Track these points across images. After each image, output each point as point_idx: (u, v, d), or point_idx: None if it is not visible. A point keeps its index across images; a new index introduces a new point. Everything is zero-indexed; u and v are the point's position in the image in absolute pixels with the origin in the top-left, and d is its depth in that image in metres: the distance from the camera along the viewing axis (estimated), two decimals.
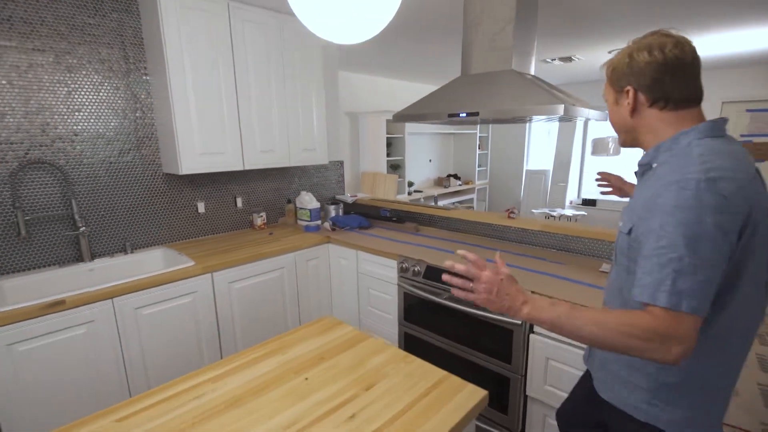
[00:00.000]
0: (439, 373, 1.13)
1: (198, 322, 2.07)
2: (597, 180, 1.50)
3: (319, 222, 2.90)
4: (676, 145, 0.90)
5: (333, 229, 2.82)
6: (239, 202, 2.80)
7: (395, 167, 5.02)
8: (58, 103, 2.03)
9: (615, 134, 4.19)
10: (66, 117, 2.06)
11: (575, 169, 6.19)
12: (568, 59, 3.98)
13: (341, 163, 3.52)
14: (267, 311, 2.37)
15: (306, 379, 1.10)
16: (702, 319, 0.77)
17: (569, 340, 1.57)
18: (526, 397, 1.79)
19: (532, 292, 1.68)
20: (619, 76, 0.98)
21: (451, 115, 1.81)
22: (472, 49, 1.94)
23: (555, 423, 1.72)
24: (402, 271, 2.17)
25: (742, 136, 4.72)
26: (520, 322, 1.71)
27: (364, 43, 3.11)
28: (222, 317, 2.16)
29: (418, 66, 4.17)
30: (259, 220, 2.83)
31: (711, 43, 3.38)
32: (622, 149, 5.02)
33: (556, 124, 6.16)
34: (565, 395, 1.62)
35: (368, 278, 2.44)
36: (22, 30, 1.90)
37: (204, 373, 1.13)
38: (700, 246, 0.75)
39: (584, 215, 4.97)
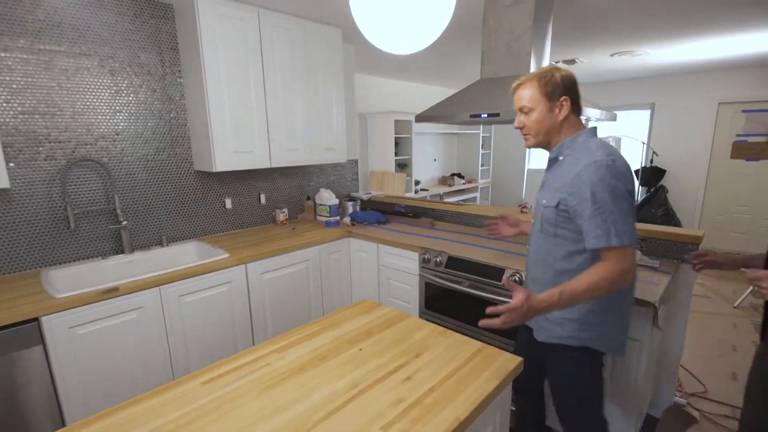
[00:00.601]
0: (477, 344, 1.27)
1: (233, 309, 2.21)
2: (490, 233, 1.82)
3: (338, 218, 3.04)
4: (574, 142, 1.27)
5: (353, 224, 2.95)
6: (263, 198, 2.94)
7: (402, 166, 5.16)
8: (102, 104, 2.16)
9: (614, 135, 4.38)
10: (108, 117, 2.19)
11: None
12: (572, 62, 4.14)
13: (356, 161, 3.66)
14: (294, 301, 2.51)
15: (360, 349, 1.24)
16: (634, 249, 1.14)
17: None
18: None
19: None
20: (554, 89, 1.24)
21: (473, 116, 1.95)
22: (490, 55, 2.08)
23: None
24: (424, 262, 2.31)
25: (737, 135, 4.90)
26: None
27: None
28: (254, 306, 2.30)
29: (430, 69, 4.31)
30: (282, 215, 2.96)
31: (708, 47, 3.55)
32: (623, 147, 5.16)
33: None
34: None
35: (389, 270, 2.58)
36: (70, 36, 2.02)
37: (267, 346, 1.27)
38: (621, 202, 1.13)
39: None
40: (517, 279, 1.91)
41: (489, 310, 1.10)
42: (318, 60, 2.74)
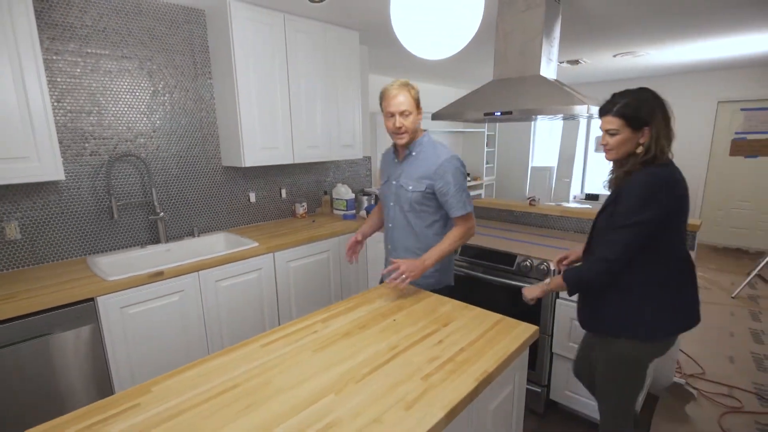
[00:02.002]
0: (496, 316, 1.43)
1: (262, 294, 2.37)
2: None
3: (354, 211, 3.20)
4: (422, 141, 1.69)
5: None
6: (284, 193, 3.10)
7: None
8: (140, 103, 2.32)
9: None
10: (146, 116, 2.35)
11: (579, 166, 6.51)
12: (576, 62, 4.29)
13: (369, 158, 3.82)
14: (316, 287, 2.67)
15: (394, 320, 1.40)
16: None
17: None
18: (552, 354, 2.09)
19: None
20: (417, 99, 1.61)
21: (487, 114, 2.11)
22: (503, 57, 2.24)
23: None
24: None
25: (736, 133, 5.05)
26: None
27: (396, 50, 3.41)
28: (281, 291, 2.46)
29: (441, 70, 4.47)
30: (301, 209, 3.12)
31: (708, 48, 3.70)
32: None
33: (559, 123, 6.48)
34: None
35: None
36: (114, 40, 2.19)
37: (312, 317, 1.43)
38: (465, 184, 1.64)
39: (589, 209, 5.31)
40: (545, 267, 2.06)
41: (384, 271, 1.60)
42: (337, 61, 2.90)
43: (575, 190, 6.70)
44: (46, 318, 1.67)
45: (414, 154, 1.68)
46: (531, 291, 1.61)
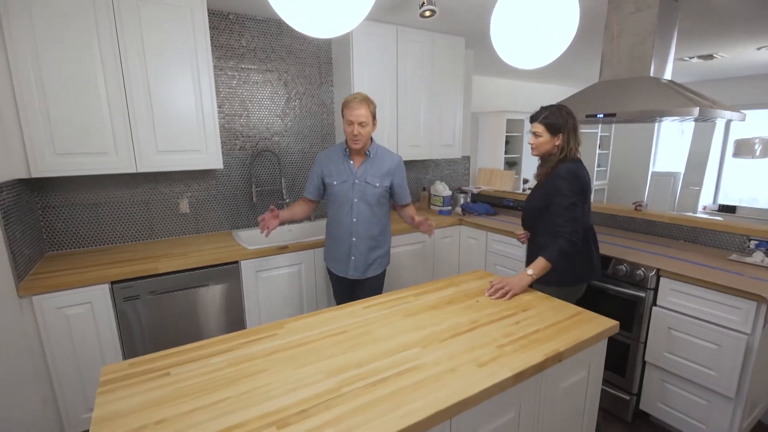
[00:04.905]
0: (576, 308, 1.51)
1: None
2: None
3: (450, 207, 3.38)
4: (374, 145, 2.07)
5: (463, 214, 3.27)
6: None
7: (511, 164, 5.28)
8: (277, 108, 2.81)
9: (762, 135, 4.05)
10: (281, 118, 2.84)
11: (712, 172, 5.74)
12: (709, 57, 3.86)
13: (468, 158, 3.96)
14: (405, 276, 2.92)
15: (477, 301, 1.58)
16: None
17: (694, 313, 1.82)
18: (644, 362, 2.04)
19: (658, 270, 1.93)
20: (374, 112, 1.97)
21: (588, 116, 2.12)
22: (611, 58, 2.22)
23: (674, 388, 1.96)
24: None
25: None
26: (644, 295, 1.97)
27: None
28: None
29: (546, 69, 4.39)
30: None
31: None
32: None
33: (691, 124, 5.78)
34: (686, 362, 1.87)
35: (496, 256, 2.85)
36: (261, 57, 2.70)
37: (406, 292, 1.68)
38: None
39: (709, 218, 4.67)
40: (641, 272, 2.04)
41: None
42: (443, 66, 3.11)
43: (706, 199, 5.92)
44: (205, 272, 2.19)
45: (371, 156, 2.02)
46: (516, 284, 1.65)
